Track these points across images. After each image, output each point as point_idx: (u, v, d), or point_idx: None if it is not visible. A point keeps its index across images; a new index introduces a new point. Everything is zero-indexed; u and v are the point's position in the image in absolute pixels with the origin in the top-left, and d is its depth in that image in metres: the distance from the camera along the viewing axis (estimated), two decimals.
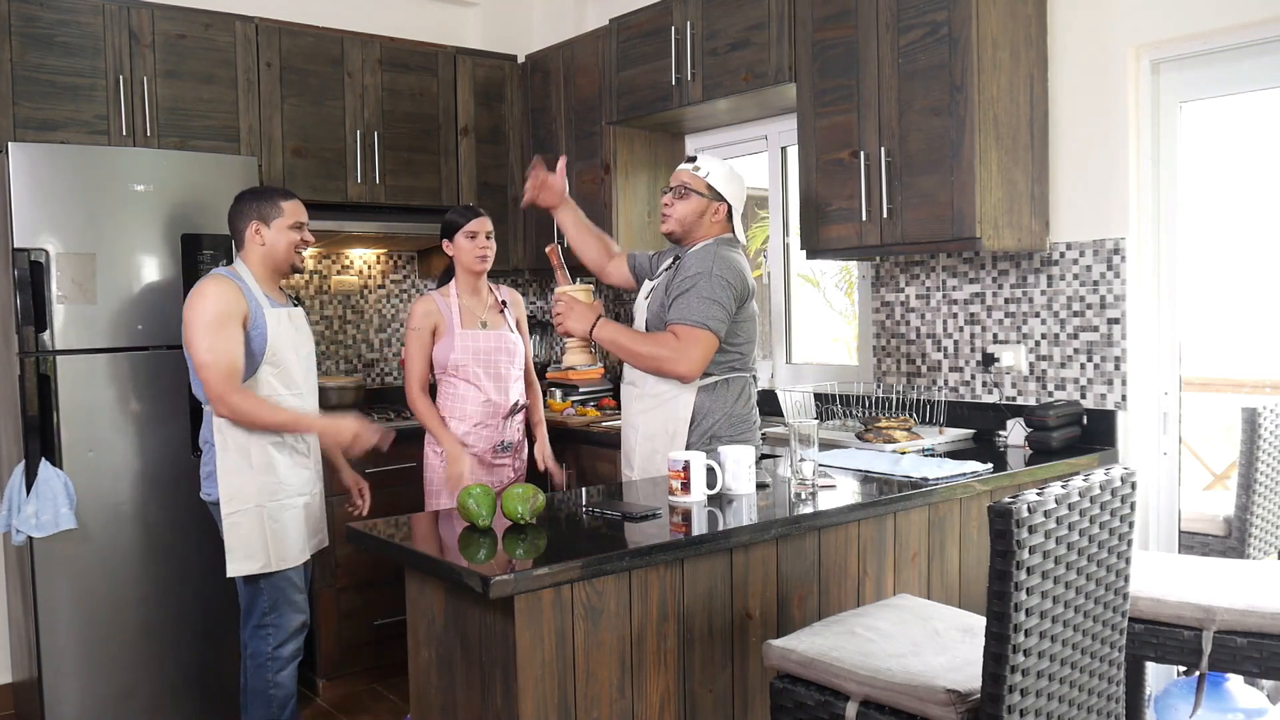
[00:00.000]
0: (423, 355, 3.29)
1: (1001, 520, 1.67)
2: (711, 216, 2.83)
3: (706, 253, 2.75)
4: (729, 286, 2.69)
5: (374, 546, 2.17)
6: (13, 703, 3.64)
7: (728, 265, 2.71)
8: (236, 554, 2.83)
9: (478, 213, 3.35)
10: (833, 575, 2.40)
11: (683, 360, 2.65)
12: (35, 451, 3.17)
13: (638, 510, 2.24)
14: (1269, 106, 2.90)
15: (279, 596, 2.91)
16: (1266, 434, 3.05)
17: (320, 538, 3.07)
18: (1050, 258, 3.12)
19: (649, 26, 3.90)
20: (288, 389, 2.89)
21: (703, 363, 2.67)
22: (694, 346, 2.65)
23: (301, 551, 2.94)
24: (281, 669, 2.94)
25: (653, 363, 2.70)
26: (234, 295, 2.79)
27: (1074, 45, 3.03)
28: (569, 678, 1.95)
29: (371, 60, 4.15)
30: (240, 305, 2.79)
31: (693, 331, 2.65)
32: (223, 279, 2.83)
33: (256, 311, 2.83)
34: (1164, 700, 2.67)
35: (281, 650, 2.93)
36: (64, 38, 3.48)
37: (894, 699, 1.84)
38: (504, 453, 3.35)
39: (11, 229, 3.15)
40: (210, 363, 2.73)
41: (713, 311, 2.65)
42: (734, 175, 2.87)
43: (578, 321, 2.72)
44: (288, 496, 2.89)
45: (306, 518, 2.96)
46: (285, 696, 2.96)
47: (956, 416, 3.33)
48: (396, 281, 4.68)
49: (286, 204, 2.93)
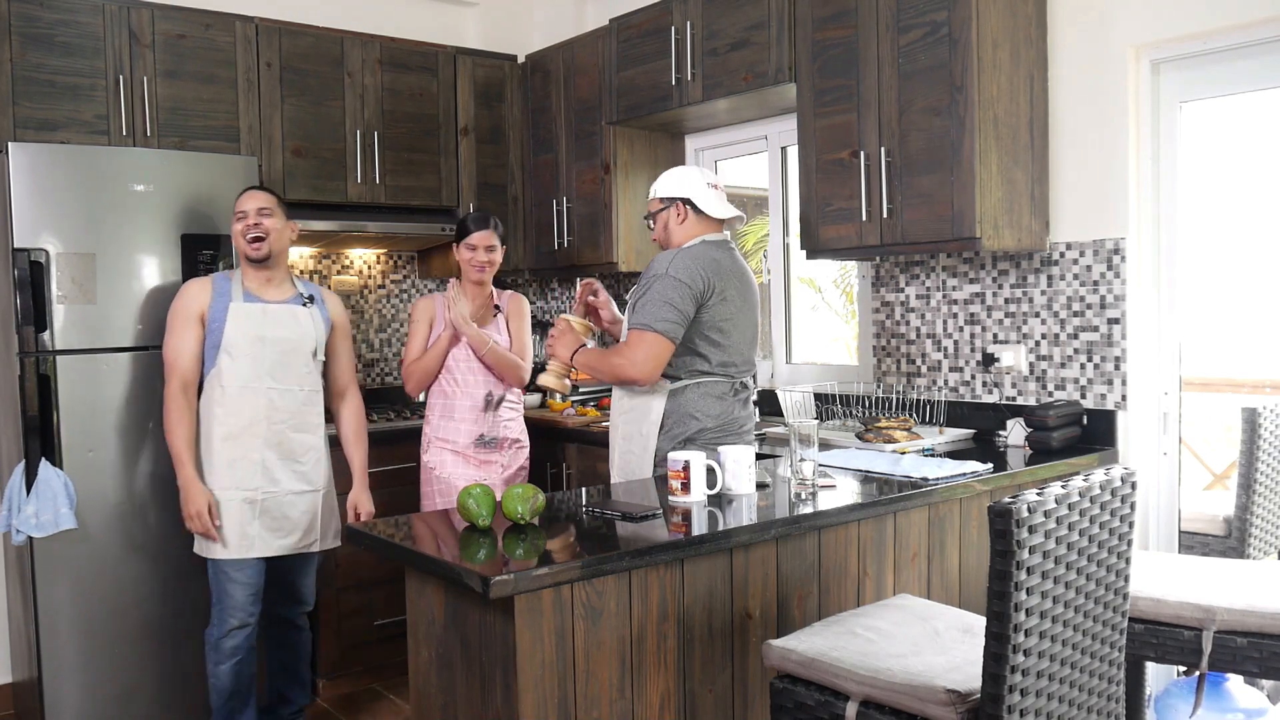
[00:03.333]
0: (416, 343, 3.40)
1: (1001, 520, 1.67)
2: (677, 221, 2.84)
3: (668, 255, 2.77)
4: (680, 285, 2.67)
5: (374, 546, 2.17)
6: (13, 703, 3.64)
7: (684, 264, 2.70)
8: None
9: (485, 224, 3.39)
10: (833, 575, 2.40)
11: (631, 364, 2.67)
12: (35, 451, 3.17)
13: (638, 510, 2.24)
14: (1269, 106, 2.90)
15: (219, 590, 3.02)
16: (1266, 434, 3.05)
17: (294, 540, 3.08)
18: (1050, 258, 3.12)
19: (649, 26, 3.90)
20: (242, 382, 2.99)
21: (652, 363, 2.66)
22: (638, 349, 2.66)
23: (238, 547, 2.98)
24: (220, 661, 3.02)
25: (613, 374, 2.75)
26: (197, 293, 3.02)
27: (1074, 45, 3.03)
28: (569, 678, 1.95)
29: (371, 60, 4.15)
30: (200, 301, 3.00)
31: (638, 334, 2.66)
32: (202, 278, 3.08)
33: (219, 306, 2.99)
34: (1164, 700, 2.67)
35: (222, 643, 3.02)
36: (64, 38, 3.48)
37: (894, 699, 1.84)
38: (485, 447, 3.38)
39: (11, 229, 3.15)
40: (165, 355, 3.02)
41: (661, 313, 2.65)
42: (674, 171, 2.93)
43: (564, 347, 2.86)
44: (222, 489, 2.98)
45: (258, 514, 3.00)
46: (222, 689, 3.03)
47: (956, 416, 3.33)
48: (396, 281, 4.68)
49: (239, 198, 3.11)
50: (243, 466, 2.99)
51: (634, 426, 2.82)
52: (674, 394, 2.77)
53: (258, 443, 3.01)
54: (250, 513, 2.99)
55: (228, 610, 3.01)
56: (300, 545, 3.09)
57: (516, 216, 4.57)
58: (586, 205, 4.29)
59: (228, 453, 2.98)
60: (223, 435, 2.98)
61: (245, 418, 2.99)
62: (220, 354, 2.98)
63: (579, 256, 4.33)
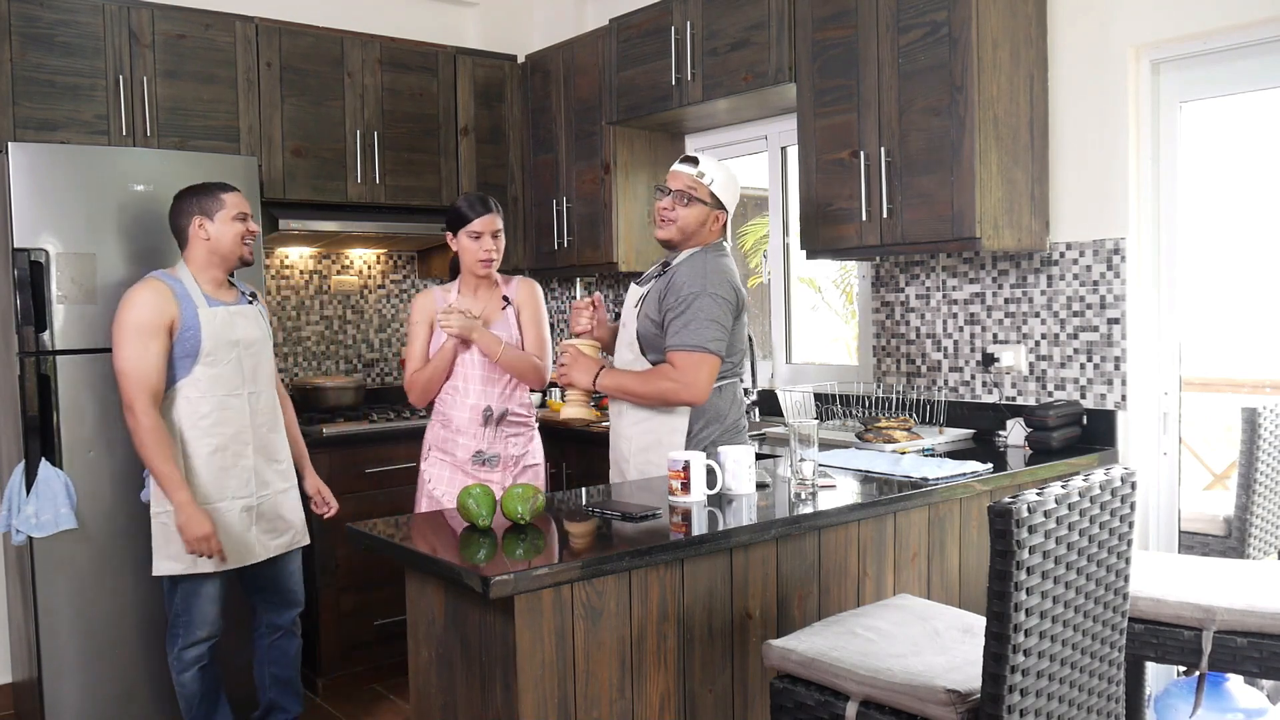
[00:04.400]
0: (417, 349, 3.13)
1: (1001, 520, 1.67)
2: (711, 225, 2.77)
3: (697, 265, 2.68)
4: (724, 303, 2.64)
5: (374, 546, 2.16)
6: (13, 703, 3.64)
7: (721, 280, 2.66)
8: (160, 553, 2.87)
9: (488, 208, 3.08)
10: (833, 575, 2.40)
11: (690, 388, 2.62)
12: (35, 451, 3.17)
13: (638, 510, 2.24)
14: (1269, 106, 2.90)
15: (191, 601, 2.93)
16: (1266, 434, 3.05)
17: (292, 535, 3.07)
18: (1050, 258, 3.12)
19: (649, 26, 3.90)
20: (224, 391, 2.89)
21: (710, 385, 2.65)
22: (699, 371, 2.61)
23: (245, 553, 2.94)
24: (184, 670, 2.97)
25: (659, 398, 2.67)
26: (162, 302, 2.81)
27: (1074, 45, 3.03)
28: (569, 678, 1.95)
29: (371, 60, 4.15)
30: (168, 312, 2.81)
31: (694, 357, 2.61)
32: (155, 283, 2.85)
33: (189, 312, 2.84)
34: (1164, 700, 2.67)
35: (185, 653, 2.96)
36: (64, 38, 3.48)
37: (894, 699, 1.84)
38: (483, 465, 3.12)
39: (11, 229, 3.15)
40: (128, 371, 2.77)
41: (712, 333, 2.62)
42: (733, 180, 2.80)
43: (582, 374, 2.74)
44: (220, 500, 2.89)
45: (257, 519, 2.96)
46: (190, 694, 2.99)
47: (956, 416, 3.33)
48: (396, 281, 4.68)
49: (227, 195, 2.94)
50: (236, 475, 2.92)
51: (653, 437, 2.75)
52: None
53: (247, 449, 2.94)
54: (248, 519, 2.95)
55: (196, 624, 2.93)
56: (294, 542, 3.08)
57: (516, 216, 4.57)
58: (586, 205, 4.29)
59: (218, 463, 2.88)
60: (211, 448, 2.87)
61: (233, 426, 2.91)
62: (195, 364, 2.84)
63: (579, 257, 4.33)
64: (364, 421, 3.92)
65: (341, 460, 3.76)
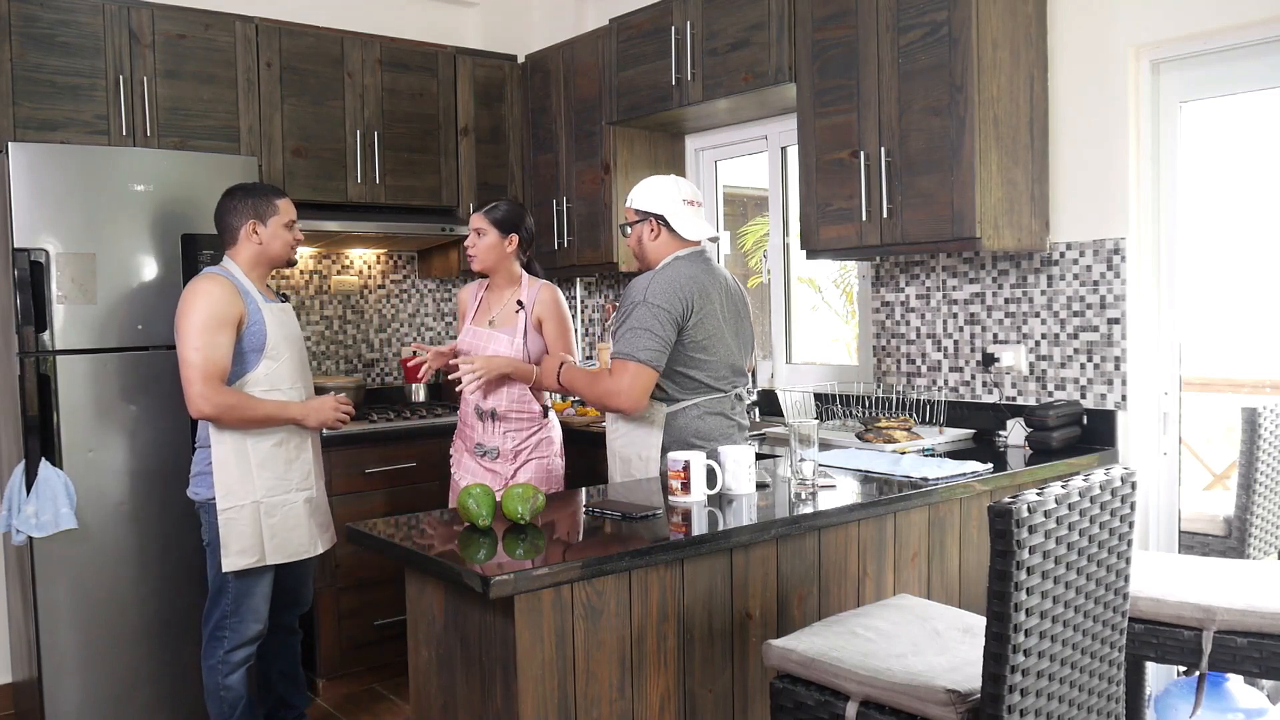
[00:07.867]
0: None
1: (1001, 520, 1.67)
2: (650, 236, 2.80)
3: (646, 277, 2.72)
4: (659, 310, 2.63)
5: (374, 546, 2.17)
6: (13, 703, 3.64)
7: (661, 288, 2.65)
8: (231, 549, 2.86)
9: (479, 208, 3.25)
10: (833, 575, 2.40)
11: (619, 395, 2.63)
12: (35, 451, 3.17)
13: (638, 510, 2.24)
14: (1269, 106, 2.90)
15: (244, 601, 2.93)
16: (1266, 434, 3.05)
17: (331, 532, 3.10)
18: (1050, 258, 3.12)
19: (649, 26, 3.90)
20: (286, 384, 2.93)
21: (637, 393, 2.63)
22: (622, 378, 2.62)
23: (308, 546, 2.98)
24: (231, 673, 2.96)
25: (599, 400, 2.72)
26: (231, 297, 2.82)
27: (1074, 45, 3.03)
28: (569, 678, 1.95)
29: (371, 60, 4.15)
30: (236, 307, 2.82)
31: (622, 364, 2.63)
32: (219, 278, 2.86)
33: (254, 308, 2.87)
34: (1164, 700, 2.66)
35: (233, 655, 2.95)
36: (64, 38, 3.48)
37: (894, 699, 1.84)
38: (484, 457, 3.23)
39: (11, 229, 3.15)
40: (197, 362, 2.76)
41: (642, 341, 2.61)
42: (652, 183, 2.84)
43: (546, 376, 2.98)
44: (286, 492, 2.92)
45: (312, 512, 3.00)
46: (235, 698, 2.98)
47: (956, 416, 3.33)
48: (396, 281, 4.68)
49: (281, 202, 2.99)
50: (298, 468, 2.96)
51: (632, 450, 2.78)
52: (671, 416, 2.74)
53: (306, 442, 3.00)
54: (308, 511, 2.98)
55: (249, 621, 2.94)
56: (333, 539, 3.12)
57: None
58: (586, 205, 4.29)
59: (283, 456, 2.91)
60: (276, 440, 2.90)
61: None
62: (262, 358, 2.87)
63: (579, 257, 4.33)
64: (364, 422, 3.92)
65: (342, 460, 3.76)
